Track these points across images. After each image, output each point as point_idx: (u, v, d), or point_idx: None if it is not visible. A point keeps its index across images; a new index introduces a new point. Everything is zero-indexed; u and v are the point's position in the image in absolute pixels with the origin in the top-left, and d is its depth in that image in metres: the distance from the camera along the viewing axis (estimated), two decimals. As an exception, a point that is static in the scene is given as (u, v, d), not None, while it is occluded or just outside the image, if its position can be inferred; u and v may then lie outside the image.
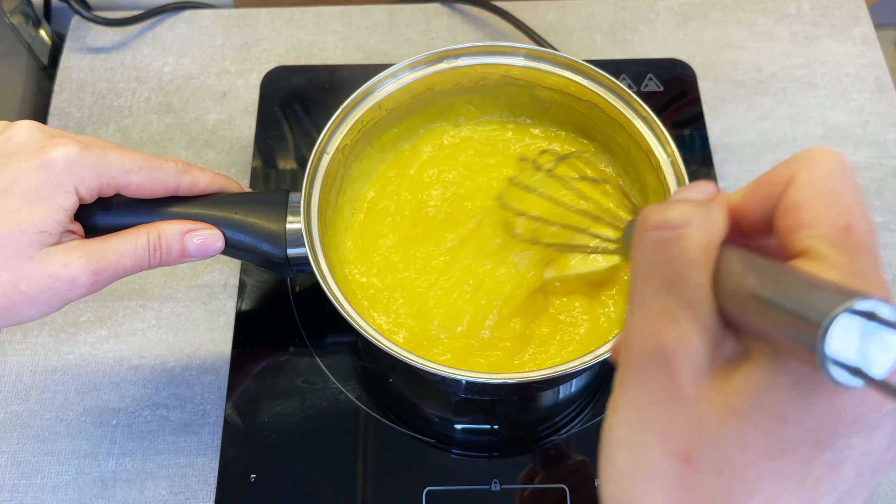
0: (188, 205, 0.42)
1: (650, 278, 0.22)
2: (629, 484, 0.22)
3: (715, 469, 0.20)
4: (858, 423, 0.20)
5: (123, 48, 0.68)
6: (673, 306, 0.21)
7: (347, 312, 0.41)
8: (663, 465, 0.21)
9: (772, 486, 0.20)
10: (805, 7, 0.70)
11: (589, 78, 0.49)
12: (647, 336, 0.22)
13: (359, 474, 0.49)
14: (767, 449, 0.20)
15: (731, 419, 0.20)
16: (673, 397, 0.21)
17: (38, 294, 0.36)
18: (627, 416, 0.23)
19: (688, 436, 0.21)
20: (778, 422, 0.20)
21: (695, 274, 0.21)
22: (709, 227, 0.22)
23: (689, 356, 0.21)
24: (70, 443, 0.51)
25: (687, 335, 0.21)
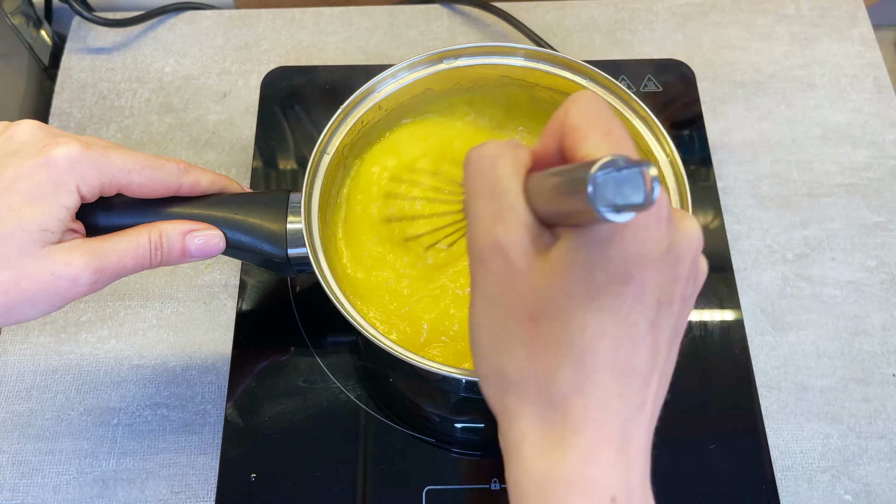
0: (189, 205, 0.43)
1: (478, 195, 0.28)
2: (494, 355, 0.28)
3: (553, 319, 0.26)
4: (645, 260, 0.25)
5: (124, 49, 0.69)
6: (497, 209, 0.27)
7: (348, 312, 0.42)
8: (516, 330, 0.27)
9: (596, 319, 0.25)
10: (804, 8, 0.70)
11: (588, 78, 0.49)
12: (483, 235, 0.27)
13: (359, 474, 0.49)
14: (586, 291, 0.25)
15: (555, 277, 0.26)
16: (511, 274, 0.27)
17: (39, 292, 0.36)
18: (482, 303, 0.28)
19: (528, 301, 0.26)
20: (589, 269, 0.25)
21: (510, 183, 0.27)
22: (515, 155, 0.28)
23: (517, 242, 0.27)
24: (71, 442, 0.52)
25: (512, 227, 0.27)
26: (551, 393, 0.26)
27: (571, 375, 0.26)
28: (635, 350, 0.26)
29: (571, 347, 0.26)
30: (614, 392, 0.26)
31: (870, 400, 0.53)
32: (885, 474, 0.50)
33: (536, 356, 0.27)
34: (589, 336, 0.26)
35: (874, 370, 0.54)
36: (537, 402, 0.27)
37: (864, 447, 0.51)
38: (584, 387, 0.26)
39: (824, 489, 0.50)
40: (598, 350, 0.26)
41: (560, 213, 0.26)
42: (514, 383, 0.27)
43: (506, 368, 0.28)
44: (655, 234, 0.25)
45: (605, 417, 0.26)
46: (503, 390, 0.28)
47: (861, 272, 0.58)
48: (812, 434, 0.52)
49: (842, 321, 0.56)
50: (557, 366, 0.26)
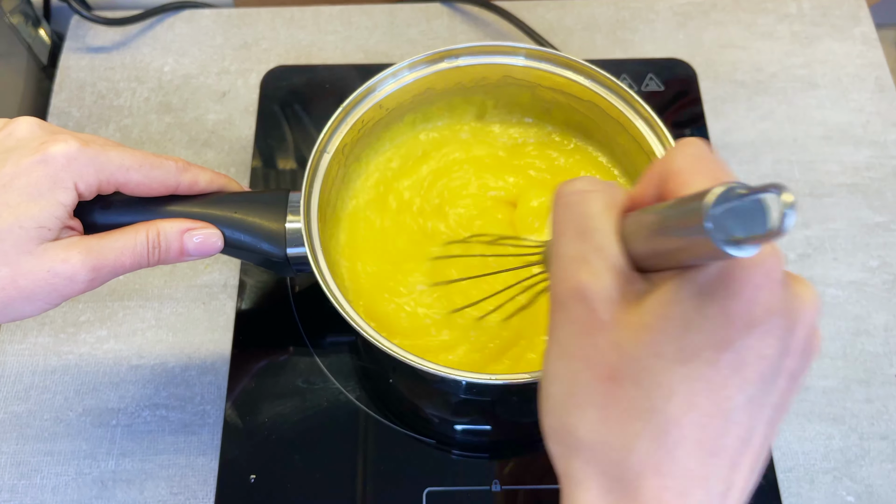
0: (188, 204, 0.42)
1: (564, 233, 0.26)
2: (564, 411, 0.25)
3: (636, 381, 0.23)
4: (751, 325, 0.22)
5: (123, 48, 0.68)
6: (585, 251, 0.24)
7: (347, 312, 0.41)
8: (591, 388, 0.24)
9: (686, 388, 0.22)
10: (805, 7, 0.70)
11: (590, 78, 0.49)
12: (566, 278, 0.25)
13: (359, 474, 0.49)
14: (677, 355, 0.22)
15: (644, 334, 0.23)
16: (593, 326, 0.24)
17: (36, 290, 0.36)
18: (557, 351, 0.26)
19: (609, 357, 0.24)
20: (683, 329, 0.22)
21: (599, 223, 0.25)
22: (610, 193, 0.26)
23: (603, 289, 0.24)
24: (70, 443, 0.51)
25: (599, 272, 0.24)
26: (624, 466, 0.23)
27: (650, 449, 0.23)
28: (726, 428, 0.23)
29: (653, 416, 0.23)
30: (696, 474, 0.23)
31: (872, 401, 0.53)
32: (888, 475, 0.50)
33: (612, 421, 0.24)
34: (675, 406, 0.23)
35: (876, 371, 0.54)
36: (607, 474, 0.24)
37: (867, 448, 0.51)
38: (663, 465, 0.23)
39: (826, 490, 0.50)
40: (684, 424, 0.23)
41: (663, 252, 0.23)
42: (584, 447, 0.25)
43: (576, 428, 0.25)
44: (766, 296, 0.22)
45: (684, 501, 0.23)
46: (570, 451, 0.25)
47: (863, 272, 0.57)
48: (814, 435, 0.52)
49: (844, 321, 0.55)
50: (635, 435, 0.23)
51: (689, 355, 0.22)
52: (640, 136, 0.47)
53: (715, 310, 0.22)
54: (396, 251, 0.50)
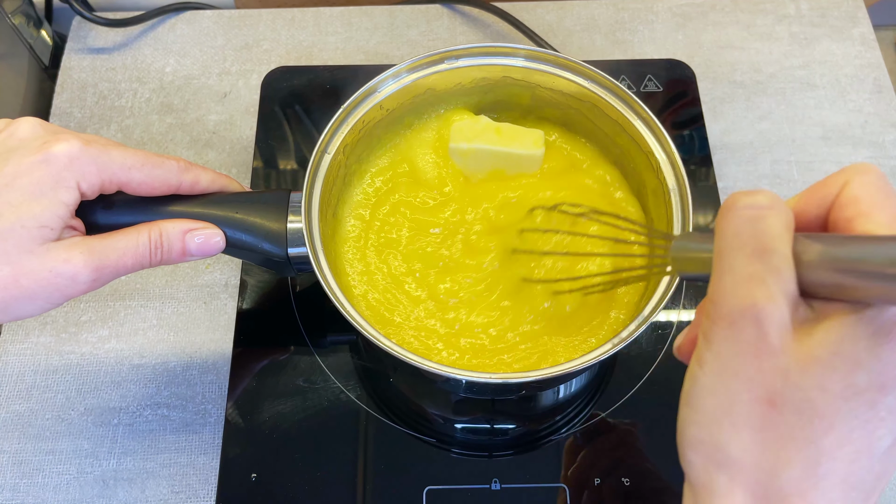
0: (189, 204, 0.43)
1: (740, 249, 0.25)
2: (716, 427, 0.25)
3: (797, 411, 0.24)
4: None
5: (125, 49, 0.69)
6: (762, 272, 0.24)
7: (348, 312, 0.42)
8: (750, 409, 0.24)
9: (844, 425, 0.23)
10: (804, 8, 0.70)
11: (589, 79, 0.49)
12: (739, 297, 0.24)
13: (359, 473, 0.49)
14: (843, 392, 0.23)
15: (812, 367, 0.23)
16: (761, 349, 0.24)
17: (37, 289, 0.36)
18: (716, 367, 0.25)
19: (773, 383, 0.24)
20: (854, 368, 0.23)
21: (780, 245, 0.24)
22: (787, 213, 0.25)
23: (777, 314, 0.24)
24: (71, 442, 0.52)
25: (775, 296, 0.24)
26: (772, 487, 0.24)
27: (800, 477, 0.24)
28: (871, 465, 0.24)
29: (808, 447, 0.24)
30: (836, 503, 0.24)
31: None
32: (886, 474, 0.50)
33: (767, 444, 0.24)
34: (831, 440, 0.23)
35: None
36: (753, 492, 0.25)
37: None
38: (810, 493, 0.24)
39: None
40: (837, 458, 0.23)
41: (845, 287, 0.23)
42: (733, 464, 0.25)
43: (727, 445, 0.25)
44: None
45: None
46: (715, 465, 0.26)
47: (861, 272, 0.57)
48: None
49: (842, 321, 0.56)
50: (788, 462, 0.24)
51: (854, 394, 0.23)
52: (640, 136, 0.48)
53: (887, 353, 0.23)
54: (397, 250, 0.50)
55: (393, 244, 0.51)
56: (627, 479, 0.48)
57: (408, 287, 0.49)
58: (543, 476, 0.49)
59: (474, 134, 0.51)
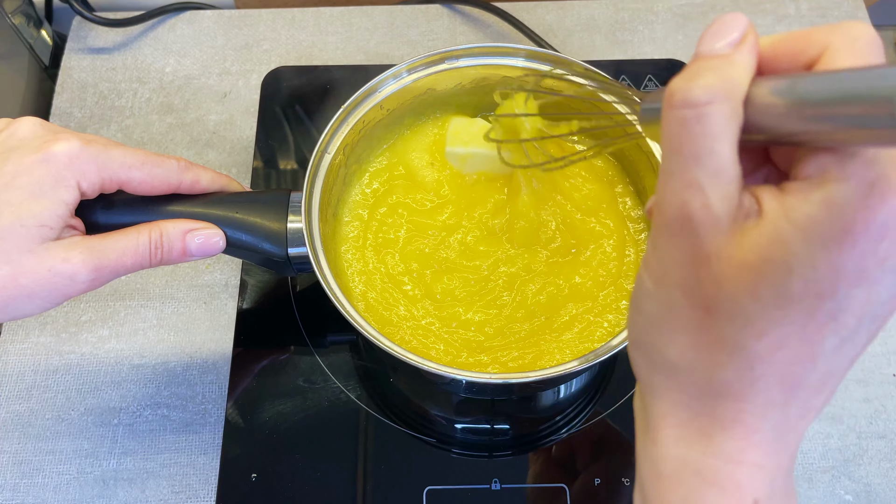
0: (189, 204, 0.43)
1: (678, 152, 0.23)
2: (656, 330, 0.26)
3: (730, 317, 0.23)
4: (859, 277, 0.21)
5: (125, 49, 0.69)
6: (699, 176, 0.23)
7: (348, 312, 0.42)
8: (687, 315, 0.25)
9: (777, 331, 0.23)
10: (804, 8, 0.70)
11: (589, 79, 0.49)
12: (677, 205, 0.24)
13: (359, 473, 0.49)
14: (775, 300, 0.22)
15: (744, 274, 0.23)
16: (697, 257, 0.24)
17: (36, 288, 0.36)
18: (657, 273, 0.26)
19: (708, 290, 0.24)
20: (786, 275, 0.22)
21: (718, 146, 0.22)
22: (733, 93, 0.22)
23: (712, 221, 0.23)
24: (71, 442, 0.52)
25: (711, 202, 0.23)
26: (706, 387, 0.25)
27: (734, 378, 0.24)
28: (814, 367, 0.23)
29: (741, 352, 0.24)
30: (777, 402, 0.24)
31: (870, 400, 0.53)
32: (886, 474, 0.51)
33: (701, 348, 0.25)
34: (765, 345, 0.23)
35: (874, 370, 0.54)
36: (688, 392, 0.25)
37: (865, 447, 0.51)
38: (744, 392, 0.24)
39: (825, 489, 0.50)
40: (772, 361, 0.23)
41: (811, 132, 0.21)
42: (670, 364, 0.26)
43: (664, 347, 0.26)
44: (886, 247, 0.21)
45: (759, 423, 0.24)
46: (654, 365, 0.26)
47: (861, 272, 0.57)
48: (812, 434, 0.52)
49: (842, 321, 0.56)
50: (721, 365, 0.24)
51: (787, 301, 0.22)
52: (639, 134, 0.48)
53: (826, 261, 0.21)
54: (395, 250, 0.50)
55: (391, 244, 0.51)
56: (627, 479, 0.48)
57: (405, 287, 0.49)
58: (544, 476, 0.49)
59: (470, 137, 0.51)
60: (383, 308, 0.48)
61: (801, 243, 0.21)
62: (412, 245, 0.50)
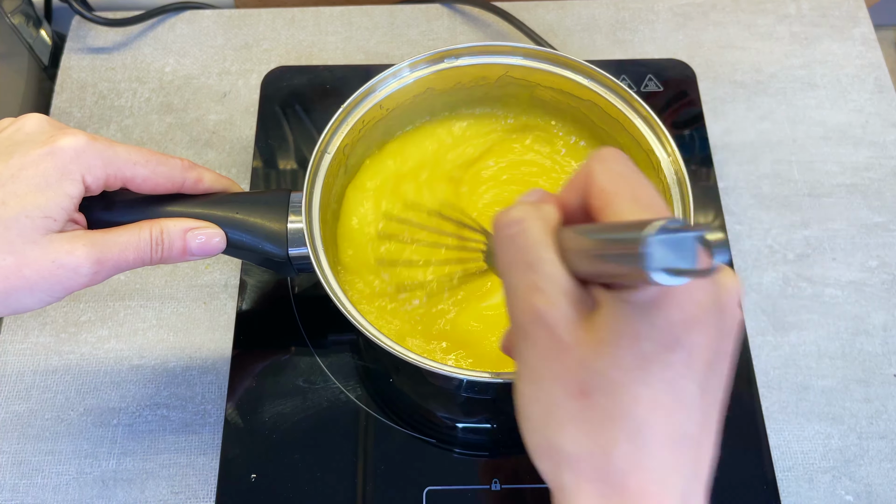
0: (190, 204, 0.43)
1: (513, 266, 0.27)
2: (547, 429, 0.27)
3: (604, 392, 0.25)
4: (692, 323, 0.25)
5: (124, 48, 0.68)
6: (538, 280, 0.26)
7: (349, 312, 0.41)
8: (567, 404, 0.26)
9: (648, 391, 0.25)
10: (805, 7, 0.70)
11: (589, 77, 0.49)
12: (524, 310, 0.26)
13: (359, 474, 0.49)
14: (636, 363, 0.25)
15: (603, 349, 0.25)
16: (557, 348, 0.26)
17: (39, 280, 0.36)
18: (529, 376, 0.27)
19: (577, 374, 0.26)
20: (635, 339, 0.25)
21: (543, 252, 0.26)
22: (544, 217, 0.27)
23: (560, 314, 0.26)
24: (71, 443, 0.52)
25: (553, 299, 0.26)
26: (609, 469, 0.26)
27: (628, 450, 0.25)
28: (689, 416, 0.25)
29: (626, 421, 0.25)
30: (671, 463, 0.25)
31: (871, 400, 0.53)
32: (887, 475, 0.50)
33: (591, 432, 0.26)
34: (643, 409, 0.25)
35: (875, 370, 0.54)
36: (595, 479, 0.26)
37: (865, 448, 0.51)
38: (642, 462, 0.25)
39: (825, 490, 0.50)
40: (653, 422, 0.25)
41: (602, 274, 0.25)
42: (570, 459, 0.26)
43: (560, 444, 0.27)
44: (701, 295, 0.25)
45: (664, 491, 0.25)
46: (558, 466, 0.27)
47: (862, 272, 0.57)
48: (813, 434, 0.52)
49: (843, 321, 0.56)
50: (614, 441, 0.25)
51: (645, 362, 0.25)
52: (640, 135, 0.48)
53: (660, 319, 0.24)
54: (398, 249, 0.50)
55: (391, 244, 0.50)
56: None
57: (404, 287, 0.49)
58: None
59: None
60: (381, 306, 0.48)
61: (636, 313, 0.24)
62: (413, 245, 0.50)
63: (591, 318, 0.26)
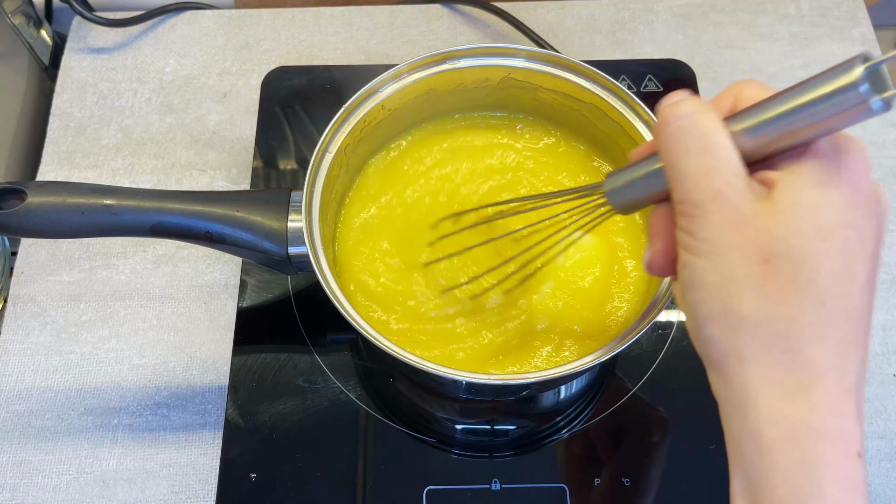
0: (190, 201, 0.43)
1: (686, 153, 0.28)
2: (725, 295, 0.27)
3: (788, 259, 0.26)
4: (863, 206, 0.26)
5: (125, 49, 0.69)
6: (713, 164, 0.27)
7: (348, 312, 0.42)
8: (748, 271, 0.26)
9: (829, 262, 0.26)
10: (804, 8, 0.70)
11: (590, 80, 0.49)
12: (703, 190, 0.27)
13: (359, 474, 0.49)
14: (817, 232, 0.26)
15: (784, 219, 0.26)
16: (739, 219, 0.27)
17: None
18: (707, 248, 0.28)
19: (760, 241, 0.26)
20: (816, 209, 0.26)
21: (719, 137, 0.27)
22: (712, 108, 0.28)
23: (740, 192, 0.27)
24: (71, 442, 0.52)
25: (730, 178, 0.27)
26: (791, 336, 0.26)
27: (812, 319, 0.26)
28: (861, 299, 0.26)
29: (810, 290, 0.25)
30: (850, 340, 0.26)
31: (870, 400, 0.53)
32: (886, 474, 0.50)
33: (773, 296, 0.26)
34: (825, 279, 0.25)
35: (874, 370, 0.54)
36: (776, 345, 0.26)
37: (865, 447, 0.51)
38: (825, 332, 0.26)
39: (825, 489, 0.50)
40: (835, 294, 0.25)
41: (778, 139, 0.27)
42: (750, 323, 0.27)
43: (738, 309, 0.27)
44: (867, 182, 0.26)
45: (845, 365, 0.26)
46: (735, 331, 0.27)
47: (862, 272, 0.57)
48: (813, 434, 0.52)
49: (842, 321, 0.56)
50: (799, 307, 0.26)
51: (825, 233, 0.26)
52: (641, 138, 0.48)
53: (837, 195, 0.26)
54: (398, 250, 0.50)
55: (391, 244, 0.50)
56: (627, 479, 0.48)
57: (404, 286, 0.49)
58: (544, 476, 0.49)
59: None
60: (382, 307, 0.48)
61: (814, 186, 0.26)
62: (413, 246, 0.50)
63: (767, 196, 0.27)
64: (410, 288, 0.49)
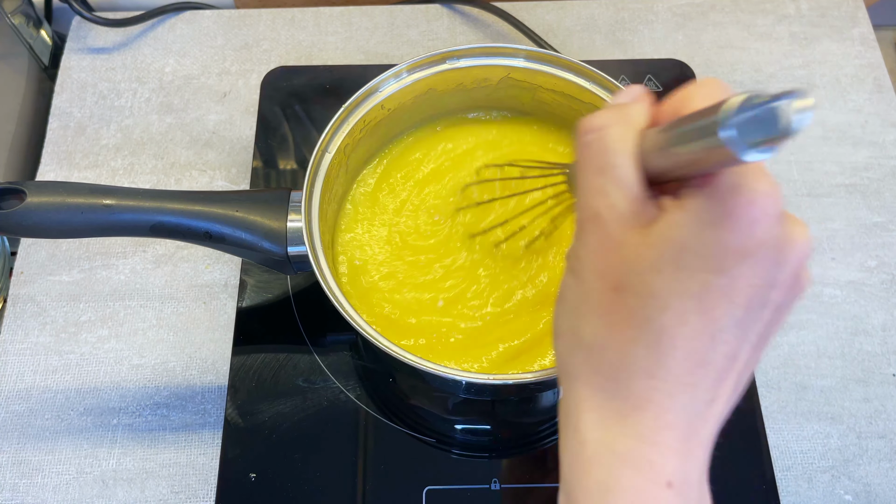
0: (189, 201, 0.43)
1: (587, 169, 0.28)
2: (574, 315, 0.28)
3: (636, 293, 0.26)
4: (743, 254, 0.24)
5: (124, 49, 0.68)
6: (603, 184, 0.27)
7: (347, 312, 0.42)
8: (599, 298, 0.27)
9: (679, 303, 0.25)
10: (804, 8, 0.70)
11: (590, 80, 0.49)
12: (587, 207, 0.27)
13: (359, 473, 0.49)
14: (675, 273, 0.25)
15: (647, 251, 0.25)
16: (606, 245, 0.27)
17: None
18: (576, 266, 0.28)
19: (617, 271, 0.26)
20: (681, 251, 0.25)
21: (616, 158, 0.27)
22: (626, 122, 0.27)
23: (617, 215, 0.26)
24: (71, 442, 0.52)
25: (615, 201, 0.26)
26: (619, 366, 0.26)
27: (643, 354, 0.26)
28: (713, 345, 0.25)
29: (648, 326, 0.25)
30: (684, 381, 0.25)
31: (870, 400, 0.53)
32: (885, 474, 0.50)
33: (613, 326, 0.26)
34: (668, 318, 0.25)
35: (874, 370, 0.54)
36: (603, 372, 0.27)
37: (865, 447, 0.51)
38: (654, 369, 0.25)
39: (824, 489, 0.50)
40: (675, 335, 0.25)
41: (680, 163, 0.25)
42: (586, 347, 0.27)
43: (581, 330, 0.27)
44: (761, 229, 0.24)
45: (669, 402, 0.25)
46: (572, 350, 0.28)
47: (861, 272, 0.58)
48: (812, 434, 0.52)
49: (842, 321, 0.56)
50: (632, 341, 0.26)
51: (685, 275, 0.25)
52: None
53: (712, 238, 0.24)
54: (398, 249, 0.50)
55: (391, 244, 0.50)
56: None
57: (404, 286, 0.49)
58: (544, 476, 0.49)
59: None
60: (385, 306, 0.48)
61: (692, 224, 0.25)
62: (412, 245, 0.50)
63: (648, 225, 0.26)
64: (410, 287, 0.49)
